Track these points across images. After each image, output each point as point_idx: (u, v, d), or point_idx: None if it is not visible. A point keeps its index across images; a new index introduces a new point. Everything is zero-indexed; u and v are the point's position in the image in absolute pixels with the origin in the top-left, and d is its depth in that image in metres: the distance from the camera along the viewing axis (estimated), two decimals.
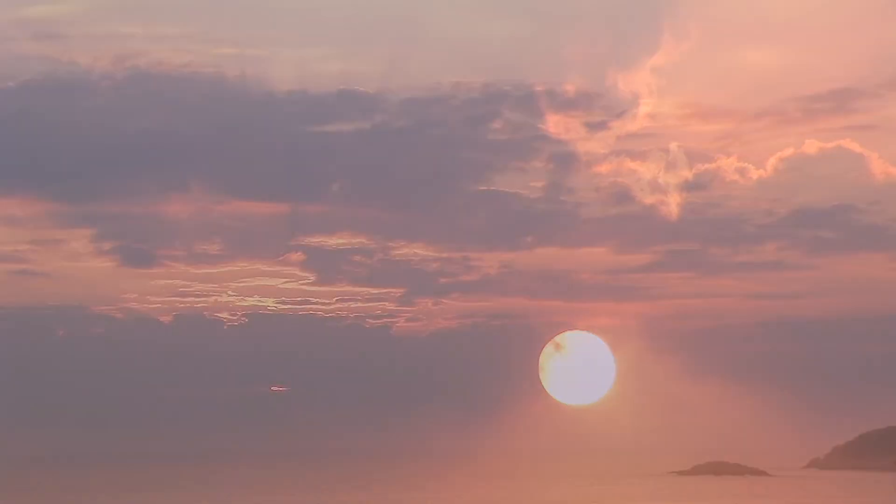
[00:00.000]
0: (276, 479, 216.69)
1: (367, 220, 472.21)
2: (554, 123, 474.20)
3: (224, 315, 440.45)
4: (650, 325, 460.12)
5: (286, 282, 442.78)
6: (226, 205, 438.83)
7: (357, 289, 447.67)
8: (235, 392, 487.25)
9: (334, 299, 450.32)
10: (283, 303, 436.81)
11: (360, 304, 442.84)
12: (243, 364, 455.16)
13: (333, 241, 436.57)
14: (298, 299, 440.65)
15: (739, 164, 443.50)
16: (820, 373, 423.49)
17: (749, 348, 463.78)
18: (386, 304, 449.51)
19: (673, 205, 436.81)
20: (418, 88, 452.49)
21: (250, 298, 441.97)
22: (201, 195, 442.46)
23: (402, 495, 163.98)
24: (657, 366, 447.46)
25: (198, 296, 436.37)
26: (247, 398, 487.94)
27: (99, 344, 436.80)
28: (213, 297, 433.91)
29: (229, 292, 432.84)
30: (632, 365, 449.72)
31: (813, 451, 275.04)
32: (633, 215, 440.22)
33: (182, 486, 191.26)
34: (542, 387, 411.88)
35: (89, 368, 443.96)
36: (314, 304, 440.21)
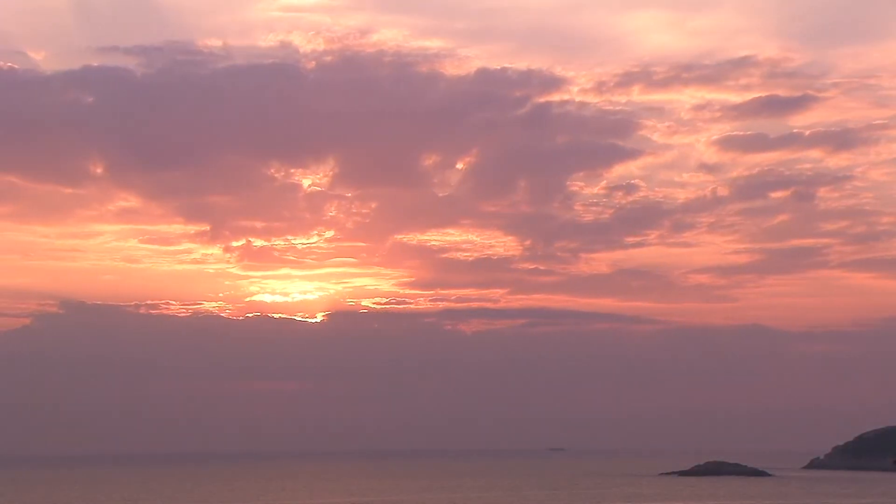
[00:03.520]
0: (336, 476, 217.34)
1: (479, 215, 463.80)
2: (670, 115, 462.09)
3: (305, 314, 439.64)
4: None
5: (383, 282, 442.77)
6: (338, 195, 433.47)
7: (448, 291, 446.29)
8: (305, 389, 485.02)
9: (423, 299, 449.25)
10: (377, 303, 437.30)
11: (448, 304, 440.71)
12: (325, 360, 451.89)
13: (436, 238, 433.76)
14: (391, 299, 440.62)
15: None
16: None
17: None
18: (474, 303, 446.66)
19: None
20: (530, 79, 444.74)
21: (345, 299, 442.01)
22: (319, 185, 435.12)
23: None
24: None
25: (288, 293, 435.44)
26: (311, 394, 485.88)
27: (178, 339, 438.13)
28: (303, 297, 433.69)
29: (323, 292, 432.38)
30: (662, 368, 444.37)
31: (816, 450, 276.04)
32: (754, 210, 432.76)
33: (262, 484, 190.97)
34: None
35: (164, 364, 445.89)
36: (403, 303, 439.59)
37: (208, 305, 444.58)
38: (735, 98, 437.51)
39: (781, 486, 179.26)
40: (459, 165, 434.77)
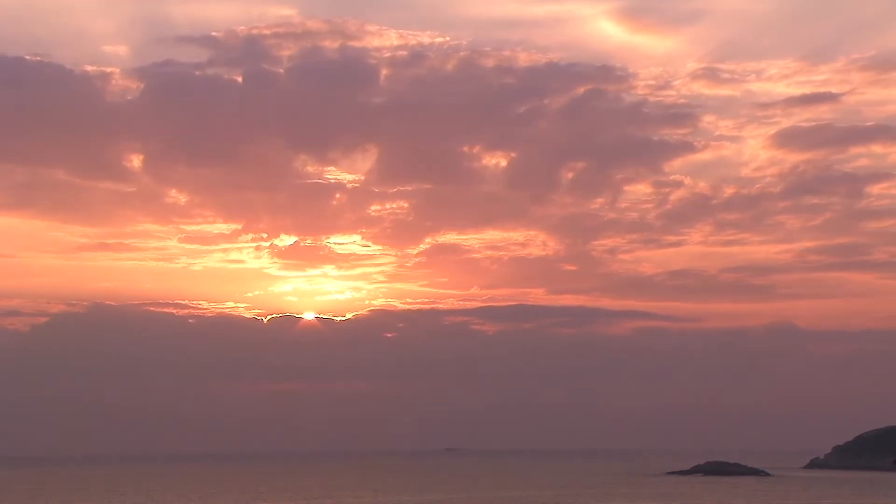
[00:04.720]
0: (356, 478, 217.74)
1: (520, 214, 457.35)
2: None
3: (334, 314, 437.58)
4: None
5: (416, 282, 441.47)
6: (380, 192, 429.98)
7: (480, 292, 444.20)
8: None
9: (453, 299, 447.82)
10: (406, 302, 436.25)
11: (479, 304, 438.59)
12: (350, 360, 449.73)
13: (475, 237, 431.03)
14: (422, 298, 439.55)
15: None
16: None
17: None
18: (506, 302, 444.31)
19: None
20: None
21: (376, 298, 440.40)
22: (357, 183, 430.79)
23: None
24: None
25: (321, 293, 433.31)
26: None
27: (203, 339, 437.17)
28: (336, 297, 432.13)
29: (356, 292, 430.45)
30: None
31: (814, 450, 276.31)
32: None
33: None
34: None
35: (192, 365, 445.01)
36: (434, 303, 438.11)
37: (238, 305, 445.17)
38: (796, 91, 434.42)
39: (781, 485, 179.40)
40: (503, 162, 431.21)
